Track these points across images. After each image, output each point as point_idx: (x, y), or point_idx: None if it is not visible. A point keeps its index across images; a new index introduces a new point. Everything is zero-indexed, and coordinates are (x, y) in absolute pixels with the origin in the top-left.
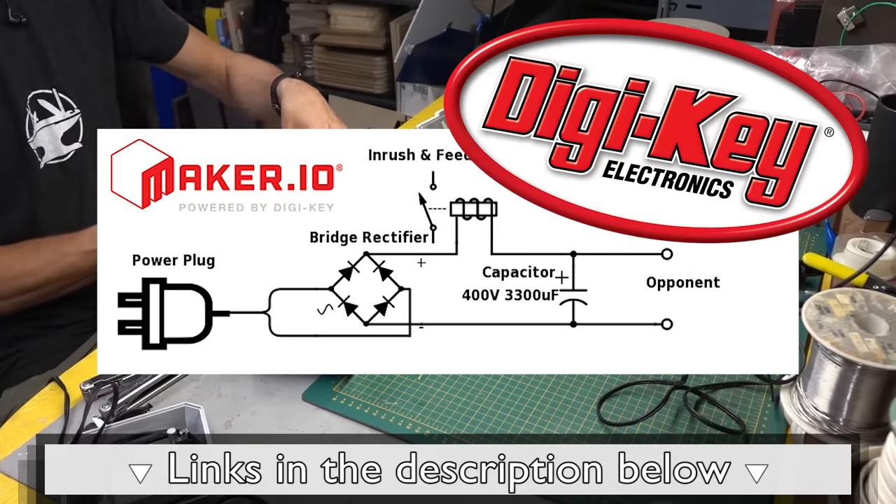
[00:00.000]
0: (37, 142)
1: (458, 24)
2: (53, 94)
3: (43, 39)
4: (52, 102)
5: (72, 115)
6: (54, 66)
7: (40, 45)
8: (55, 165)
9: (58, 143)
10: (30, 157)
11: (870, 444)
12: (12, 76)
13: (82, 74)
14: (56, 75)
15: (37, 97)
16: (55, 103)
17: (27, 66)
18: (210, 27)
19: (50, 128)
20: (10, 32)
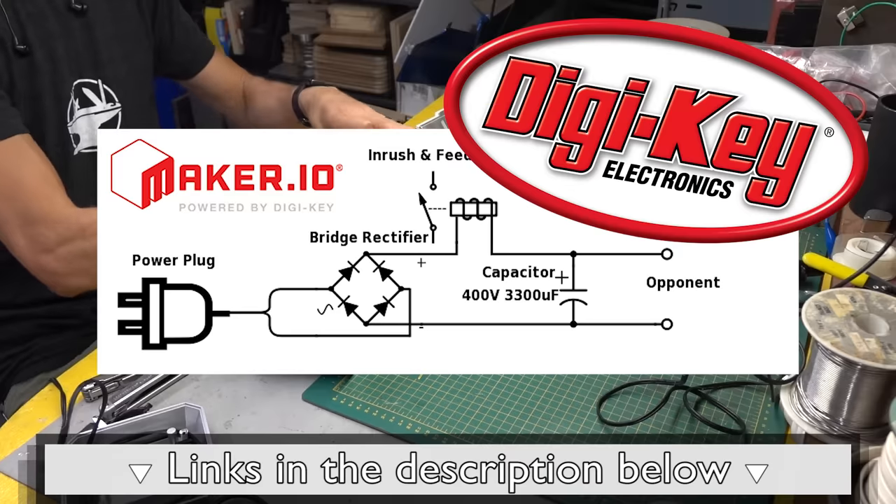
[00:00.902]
0: (75, 128)
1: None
2: (98, 85)
3: (96, 31)
4: (96, 93)
5: (112, 107)
6: (103, 58)
7: (93, 35)
8: (87, 154)
9: (94, 133)
10: (66, 141)
11: (870, 444)
12: (63, 60)
13: (126, 71)
14: (104, 67)
15: (81, 85)
16: (98, 94)
17: (78, 53)
18: (210, 27)
19: (89, 117)
20: (69, 18)
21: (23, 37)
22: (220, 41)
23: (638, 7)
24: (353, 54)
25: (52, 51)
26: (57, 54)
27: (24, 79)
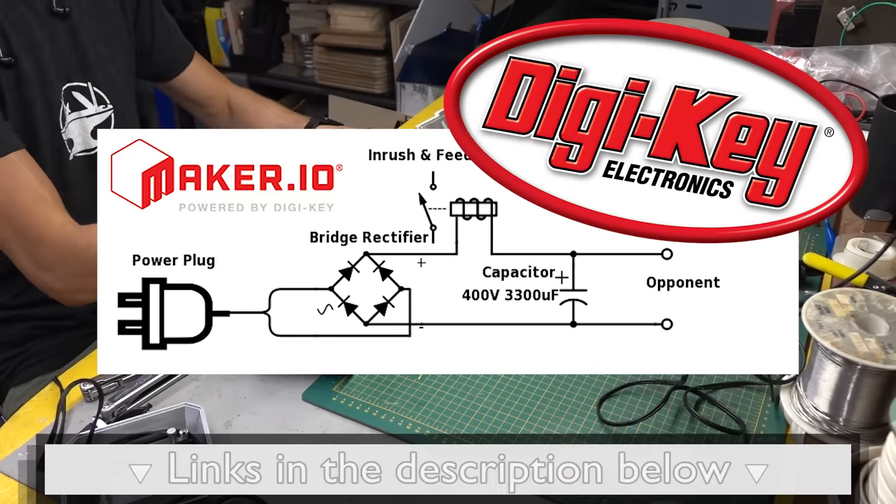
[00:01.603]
0: (68, 133)
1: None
2: (88, 88)
3: (81, 33)
4: (86, 96)
5: (104, 110)
6: (91, 60)
7: (78, 38)
8: (82, 158)
9: (87, 137)
10: (61, 147)
11: (870, 444)
12: (51, 66)
13: (113, 73)
14: (92, 70)
15: (71, 89)
16: (89, 97)
17: (65, 57)
18: (210, 27)
19: (81, 120)
20: (52, 23)
21: (7, 48)
22: (220, 41)
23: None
24: (353, 54)
25: (38, 58)
26: (43, 61)
27: (13, 89)
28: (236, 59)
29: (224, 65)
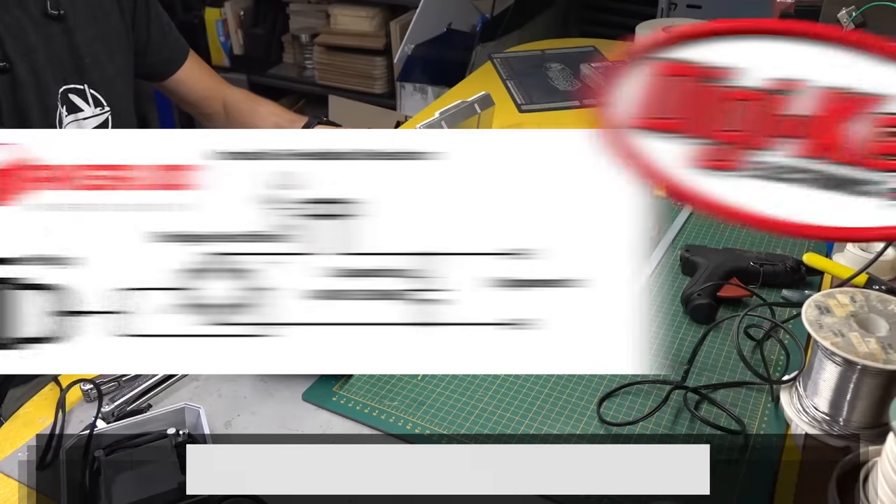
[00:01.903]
0: None
1: (458, 24)
2: (85, 91)
3: (77, 35)
4: (83, 98)
5: (101, 112)
6: (87, 62)
7: (74, 40)
8: None
9: None
10: None
11: (870, 444)
12: (46, 70)
13: (110, 74)
14: (88, 72)
15: (68, 92)
16: (86, 99)
17: (61, 60)
18: (210, 27)
19: (78, 123)
20: (47, 25)
21: (2, 53)
22: (220, 41)
23: (638, 7)
24: (353, 54)
25: (33, 62)
26: (39, 65)
27: (8, 94)
28: (236, 59)
29: (224, 65)
